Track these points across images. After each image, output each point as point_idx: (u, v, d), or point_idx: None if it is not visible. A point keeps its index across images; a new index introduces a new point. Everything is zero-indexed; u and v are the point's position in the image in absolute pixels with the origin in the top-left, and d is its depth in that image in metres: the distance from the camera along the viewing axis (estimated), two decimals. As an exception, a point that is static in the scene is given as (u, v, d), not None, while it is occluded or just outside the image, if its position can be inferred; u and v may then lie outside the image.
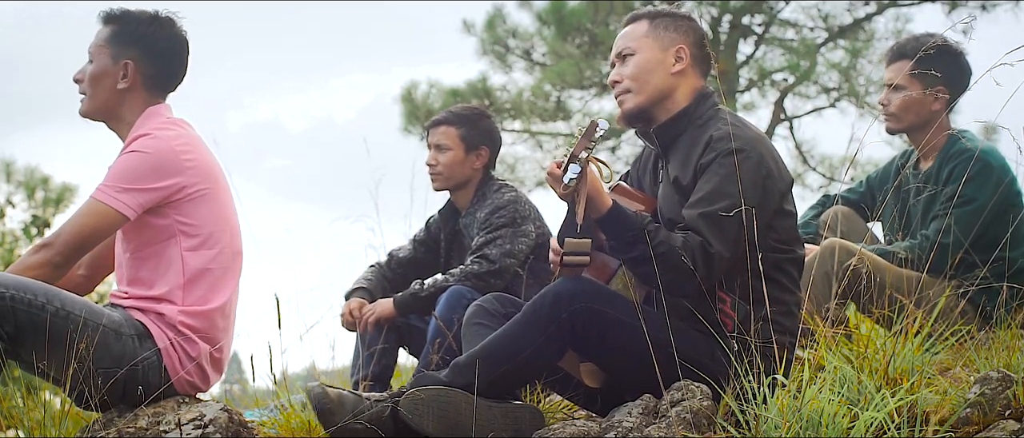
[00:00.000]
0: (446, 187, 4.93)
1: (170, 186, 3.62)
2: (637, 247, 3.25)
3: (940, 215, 4.28)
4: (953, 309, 4.05)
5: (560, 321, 3.24)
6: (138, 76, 3.74)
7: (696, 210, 3.29)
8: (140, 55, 3.74)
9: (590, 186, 3.24)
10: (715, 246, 3.24)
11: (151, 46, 3.75)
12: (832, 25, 14.76)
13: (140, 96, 3.76)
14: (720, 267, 3.27)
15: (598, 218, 3.30)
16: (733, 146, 3.30)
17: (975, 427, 2.94)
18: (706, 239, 3.25)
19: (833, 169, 15.09)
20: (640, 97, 3.48)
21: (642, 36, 3.51)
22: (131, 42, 3.74)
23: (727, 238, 3.24)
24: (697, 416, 3.08)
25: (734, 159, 3.28)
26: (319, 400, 3.20)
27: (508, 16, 15.29)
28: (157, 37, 3.76)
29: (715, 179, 3.29)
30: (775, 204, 3.36)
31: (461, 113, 4.95)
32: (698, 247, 3.24)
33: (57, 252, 3.58)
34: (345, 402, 3.21)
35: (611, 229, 3.31)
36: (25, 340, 3.45)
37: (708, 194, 3.28)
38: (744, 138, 3.34)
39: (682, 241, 3.25)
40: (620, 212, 3.30)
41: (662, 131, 3.49)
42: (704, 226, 3.26)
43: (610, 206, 3.29)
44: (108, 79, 3.74)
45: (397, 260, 5.04)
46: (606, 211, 3.29)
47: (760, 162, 3.33)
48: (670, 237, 3.26)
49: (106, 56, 3.75)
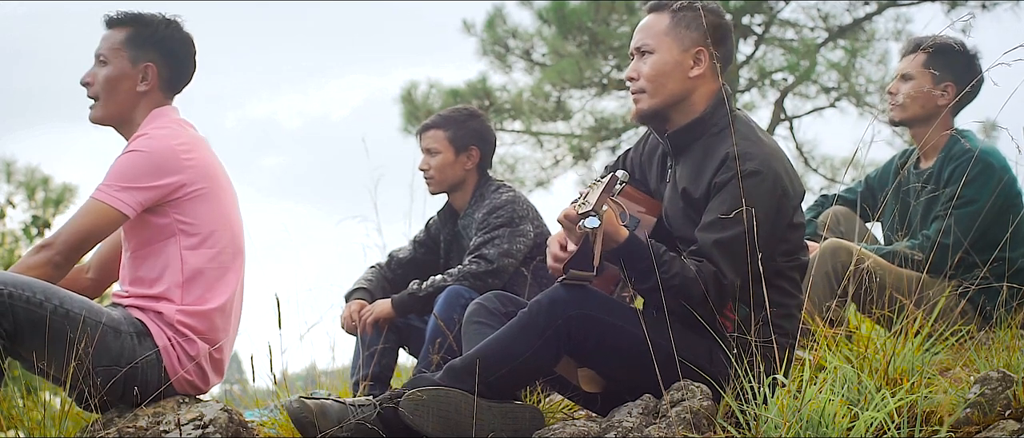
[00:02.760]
0: (441, 190, 4.93)
1: (169, 184, 3.62)
2: (650, 279, 3.21)
3: (941, 216, 4.28)
4: (953, 309, 4.05)
5: (556, 327, 3.22)
6: (157, 79, 3.76)
7: (710, 235, 3.24)
8: (160, 58, 3.76)
9: (606, 223, 3.18)
10: (728, 276, 3.21)
11: (169, 49, 3.78)
12: (832, 25, 14.74)
13: (154, 98, 3.78)
14: (731, 294, 3.24)
15: (612, 250, 3.25)
16: (749, 168, 3.23)
17: (975, 427, 2.94)
18: (720, 269, 3.21)
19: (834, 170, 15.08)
20: (656, 100, 3.41)
21: (662, 33, 3.41)
22: (150, 45, 3.76)
23: (739, 266, 3.20)
24: (697, 416, 3.08)
25: (750, 182, 3.22)
26: (298, 414, 3.17)
27: (508, 16, 15.27)
28: (173, 39, 3.79)
29: (730, 202, 3.22)
30: (787, 220, 3.34)
31: (448, 115, 4.96)
32: (711, 277, 3.21)
33: (57, 251, 3.58)
34: (328, 412, 3.18)
35: (625, 262, 3.26)
36: (24, 338, 3.45)
37: (722, 220, 3.22)
38: (760, 157, 3.27)
39: (695, 271, 3.20)
40: (634, 245, 3.24)
41: (676, 136, 3.44)
42: (718, 255, 3.22)
43: (624, 238, 3.24)
44: (127, 82, 3.75)
45: (397, 261, 5.04)
46: (620, 243, 3.24)
47: (776, 182, 3.27)
48: (684, 268, 3.21)
49: (124, 59, 3.75)
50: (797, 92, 14.95)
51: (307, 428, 3.17)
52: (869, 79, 14.50)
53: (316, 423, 3.16)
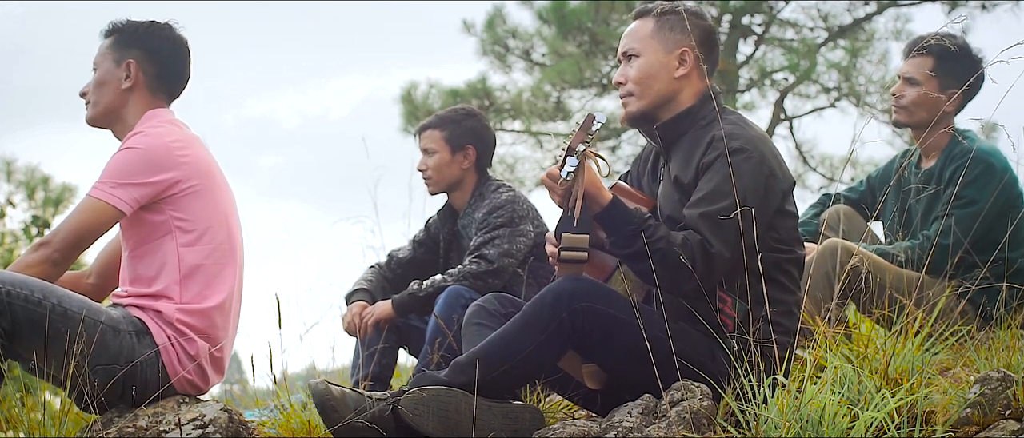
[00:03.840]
0: (439, 190, 4.94)
1: (164, 181, 3.64)
2: (635, 243, 3.26)
3: (941, 215, 4.28)
4: (953, 309, 4.05)
5: (560, 320, 3.23)
6: (141, 74, 3.81)
7: (697, 209, 3.29)
8: (141, 54, 3.82)
9: (588, 181, 3.25)
10: (715, 246, 3.24)
11: (151, 46, 3.83)
12: (832, 25, 14.75)
13: (143, 97, 3.81)
14: (720, 267, 3.26)
15: (596, 213, 3.30)
16: (735, 145, 3.30)
17: (975, 427, 2.94)
18: (706, 238, 3.25)
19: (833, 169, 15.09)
20: (643, 102, 3.49)
21: (647, 37, 3.50)
22: (132, 44, 3.83)
23: (727, 238, 3.24)
24: (697, 416, 3.08)
25: (736, 159, 3.28)
26: (322, 397, 3.19)
27: (508, 16, 15.28)
28: (156, 38, 3.84)
29: (717, 178, 3.28)
30: (776, 204, 3.36)
31: (444, 115, 4.96)
32: (697, 246, 3.24)
33: (55, 249, 3.60)
34: (348, 400, 3.21)
35: (609, 224, 3.31)
36: (23, 336, 3.46)
37: (709, 194, 3.28)
38: (746, 138, 3.34)
39: (682, 239, 3.25)
40: (618, 206, 3.30)
41: (665, 129, 3.49)
42: (704, 226, 3.26)
43: (609, 200, 3.30)
44: (113, 81, 3.82)
45: (397, 261, 5.04)
46: (604, 206, 3.30)
47: (762, 161, 3.33)
48: (669, 234, 3.26)
49: (109, 61, 3.84)
50: (797, 92, 14.95)
51: (328, 412, 3.19)
52: (869, 79, 14.51)
53: (336, 407, 3.17)
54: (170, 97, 3.88)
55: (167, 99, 3.87)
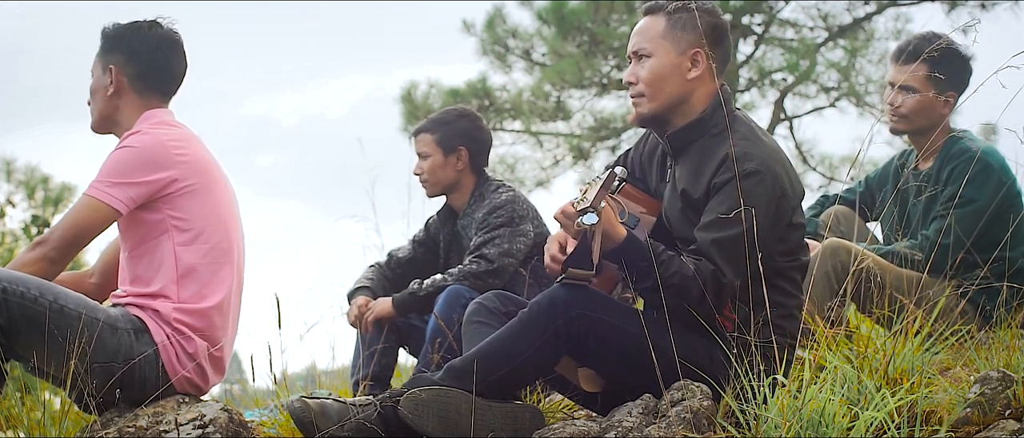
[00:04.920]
0: (436, 193, 4.93)
1: (161, 180, 3.64)
2: (649, 278, 3.22)
3: (940, 216, 4.28)
4: (953, 309, 4.05)
5: (556, 327, 3.22)
6: (123, 78, 3.81)
7: (709, 234, 3.25)
8: (122, 58, 3.82)
9: (605, 220, 3.20)
10: (727, 275, 3.22)
11: (131, 47, 3.82)
12: (832, 25, 14.75)
13: (132, 100, 3.82)
14: (731, 293, 3.25)
15: (611, 249, 3.26)
16: (749, 168, 3.24)
17: (975, 427, 2.94)
18: (719, 268, 3.22)
19: (833, 169, 15.09)
20: (655, 104, 3.42)
21: (659, 37, 3.41)
22: (112, 48, 3.84)
23: (739, 265, 3.21)
24: (697, 416, 3.08)
25: (749, 182, 3.23)
26: (300, 415, 3.17)
27: (508, 16, 15.28)
28: (135, 38, 3.83)
29: (729, 202, 3.22)
30: (787, 220, 3.34)
31: (436, 118, 4.96)
32: (710, 276, 3.22)
33: (52, 247, 3.61)
34: (329, 411, 3.19)
35: (624, 260, 3.27)
36: (19, 334, 3.46)
37: (722, 219, 3.23)
38: (759, 157, 3.27)
39: (694, 270, 3.21)
40: (633, 243, 3.25)
41: (675, 138, 3.44)
42: (717, 253, 3.22)
43: (623, 237, 3.25)
44: (100, 88, 3.84)
45: (397, 260, 5.04)
46: (619, 243, 3.25)
47: (775, 182, 3.27)
48: (682, 267, 3.22)
49: (98, 69, 3.86)
50: (797, 92, 14.95)
51: (308, 428, 3.17)
52: (869, 79, 14.52)
53: (317, 423, 3.16)
54: (164, 95, 3.86)
55: (161, 98, 3.85)
